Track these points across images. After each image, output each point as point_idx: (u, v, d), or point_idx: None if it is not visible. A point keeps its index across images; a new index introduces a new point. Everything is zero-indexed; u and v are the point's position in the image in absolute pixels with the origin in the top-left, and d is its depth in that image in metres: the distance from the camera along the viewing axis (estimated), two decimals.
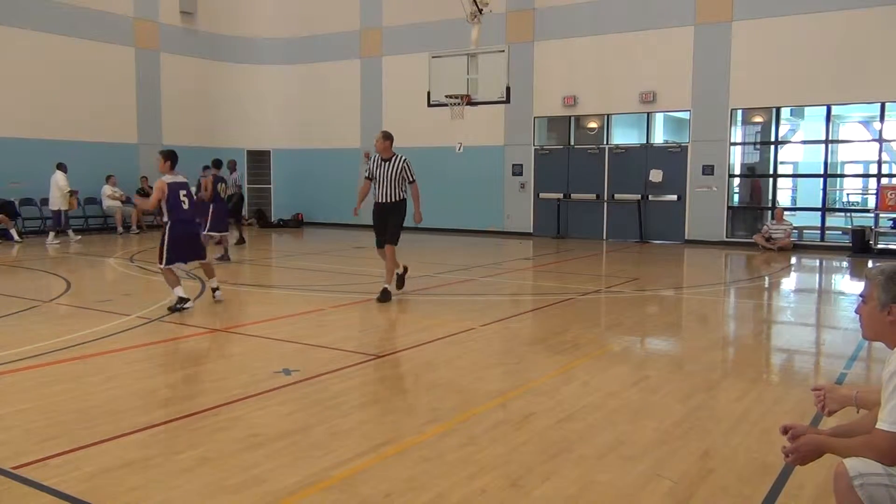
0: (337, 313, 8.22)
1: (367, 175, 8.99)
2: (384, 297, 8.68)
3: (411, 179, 8.90)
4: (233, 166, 16.21)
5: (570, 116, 18.17)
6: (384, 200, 8.83)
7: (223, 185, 12.98)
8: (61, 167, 16.20)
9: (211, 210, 12.43)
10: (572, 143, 18.22)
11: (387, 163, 8.79)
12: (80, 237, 16.97)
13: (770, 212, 15.93)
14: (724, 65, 15.98)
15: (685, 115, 17.09)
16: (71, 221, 17.75)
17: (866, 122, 19.71)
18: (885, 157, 15.89)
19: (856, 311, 2.77)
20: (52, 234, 15.94)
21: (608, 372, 5.76)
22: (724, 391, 5.28)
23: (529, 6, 18.21)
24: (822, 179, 16.48)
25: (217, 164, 13.75)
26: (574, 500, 3.38)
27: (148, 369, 5.97)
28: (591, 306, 9.00)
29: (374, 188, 8.97)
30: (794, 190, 20.49)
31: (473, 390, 5.21)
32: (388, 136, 8.89)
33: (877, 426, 2.49)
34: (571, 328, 7.45)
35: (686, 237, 16.70)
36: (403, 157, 8.83)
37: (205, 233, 11.66)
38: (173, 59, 20.47)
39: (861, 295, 2.73)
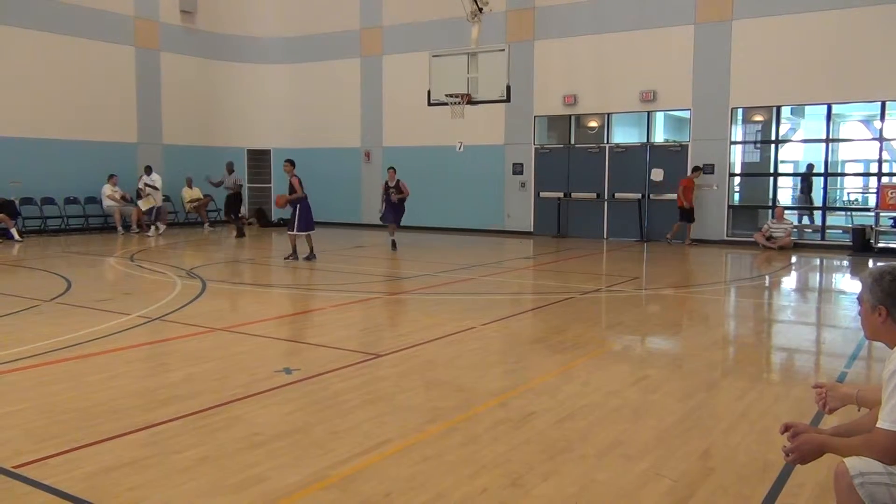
0: (337, 312, 8.22)
1: None
2: None
3: None
4: (230, 167, 18.03)
5: (570, 115, 18.15)
6: None
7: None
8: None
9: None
10: (573, 141, 18.20)
11: None
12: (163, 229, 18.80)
13: (770, 211, 15.93)
14: (725, 63, 15.96)
15: (685, 114, 17.08)
16: (71, 221, 17.88)
17: (867, 121, 19.68)
18: (885, 155, 15.87)
19: (858, 314, 2.80)
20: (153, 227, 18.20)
21: (608, 371, 5.75)
22: (724, 390, 5.27)
23: (529, 5, 18.18)
24: (822, 178, 16.47)
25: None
26: (574, 499, 3.38)
27: (148, 369, 5.98)
28: (591, 305, 8.99)
29: None
30: (795, 189, 20.45)
31: (474, 389, 5.21)
32: None
33: (877, 425, 2.49)
34: (572, 327, 7.45)
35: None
36: None
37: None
38: (173, 58, 20.45)
39: (857, 297, 2.75)
